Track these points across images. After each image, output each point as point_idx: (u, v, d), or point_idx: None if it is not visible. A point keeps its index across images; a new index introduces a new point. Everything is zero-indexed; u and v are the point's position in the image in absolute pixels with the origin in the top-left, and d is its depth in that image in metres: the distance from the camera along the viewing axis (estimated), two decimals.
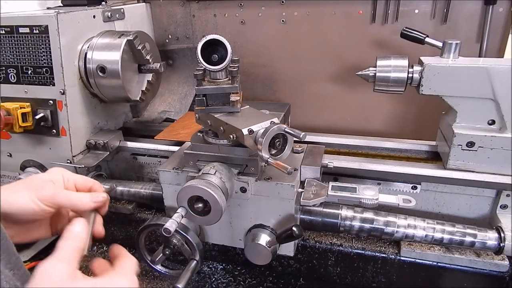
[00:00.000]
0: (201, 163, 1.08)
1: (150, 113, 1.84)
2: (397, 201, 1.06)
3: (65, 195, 0.83)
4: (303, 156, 1.21)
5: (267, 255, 1.06)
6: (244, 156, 1.05)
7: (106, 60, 1.32)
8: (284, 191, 1.04)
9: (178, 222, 0.91)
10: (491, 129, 1.16)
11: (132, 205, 1.49)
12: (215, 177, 0.99)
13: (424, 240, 1.11)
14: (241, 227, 1.14)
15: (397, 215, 1.13)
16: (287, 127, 0.94)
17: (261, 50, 1.81)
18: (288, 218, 1.07)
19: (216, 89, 1.04)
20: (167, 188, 1.16)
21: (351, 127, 1.84)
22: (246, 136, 0.95)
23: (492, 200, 1.23)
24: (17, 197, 0.79)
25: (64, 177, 0.88)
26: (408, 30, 1.40)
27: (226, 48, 0.98)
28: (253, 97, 1.90)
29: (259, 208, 1.09)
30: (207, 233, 1.20)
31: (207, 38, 0.97)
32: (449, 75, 1.13)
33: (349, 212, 1.14)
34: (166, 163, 1.17)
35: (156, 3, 1.84)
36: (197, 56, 0.98)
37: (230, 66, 1.04)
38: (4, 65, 1.36)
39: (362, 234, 1.14)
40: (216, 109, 1.07)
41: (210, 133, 1.11)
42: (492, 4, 1.44)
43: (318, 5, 1.66)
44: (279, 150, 0.99)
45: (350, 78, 1.71)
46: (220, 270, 1.40)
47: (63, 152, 1.38)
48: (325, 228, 1.17)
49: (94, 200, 0.86)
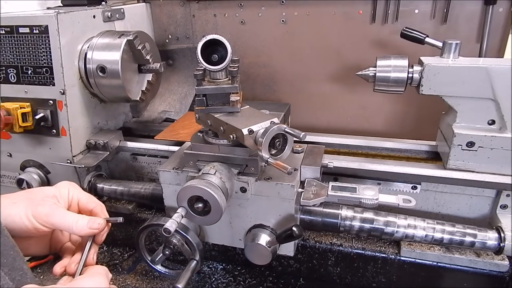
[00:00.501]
0: (201, 163, 1.08)
1: (150, 113, 1.84)
2: (397, 201, 1.06)
3: (61, 215, 0.79)
4: (303, 156, 1.21)
5: (267, 255, 1.06)
6: (244, 156, 1.05)
7: (106, 60, 1.32)
8: (284, 191, 1.04)
9: (178, 222, 0.91)
10: (491, 129, 1.16)
11: (132, 205, 1.49)
12: (215, 177, 0.99)
13: (424, 240, 1.11)
14: (241, 227, 1.14)
15: (397, 215, 1.13)
16: (287, 127, 0.94)
17: (261, 50, 1.81)
18: (288, 218, 1.07)
19: (216, 89, 1.04)
20: (167, 188, 1.16)
21: (351, 127, 1.83)
22: (246, 136, 0.95)
23: (492, 200, 1.23)
24: (14, 210, 0.76)
25: (69, 193, 0.86)
26: (408, 30, 1.40)
27: (226, 48, 0.98)
28: (253, 97, 1.90)
29: (259, 208, 1.09)
30: (207, 233, 1.20)
31: (207, 38, 0.97)
32: (449, 75, 1.13)
33: (349, 212, 1.13)
34: (166, 163, 1.17)
35: (156, 3, 1.84)
36: (197, 56, 0.98)
37: (230, 66, 1.04)
38: (4, 65, 1.36)
39: (362, 234, 1.14)
40: (216, 109, 1.07)
41: (210, 133, 1.10)
42: (492, 4, 1.44)
43: (318, 5, 1.66)
44: (279, 150, 0.99)
45: (350, 78, 1.71)
46: (220, 270, 1.40)
47: (63, 152, 1.38)
48: (325, 228, 1.17)
49: (89, 226, 0.81)
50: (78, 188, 0.89)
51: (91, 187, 1.43)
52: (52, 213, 0.78)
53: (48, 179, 1.44)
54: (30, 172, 1.42)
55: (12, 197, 0.79)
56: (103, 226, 0.85)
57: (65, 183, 0.88)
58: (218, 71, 1.01)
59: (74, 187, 0.88)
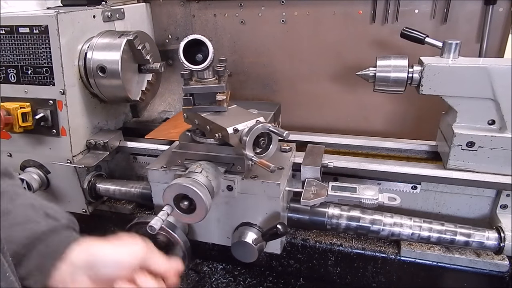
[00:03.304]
0: (189, 162, 1.10)
1: (150, 113, 1.84)
2: (382, 199, 1.05)
3: (158, 257, 0.81)
4: (292, 154, 1.22)
5: (253, 253, 1.07)
6: (231, 155, 1.06)
7: (106, 60, 1.32)
8: (270, 190, 1.05)
9: (163, 220, 0.92)
10: (491, 129, 1.16)
11: (132, 205, 1.49)
12: (201, 175, 1.00)
13: (421, 239, 1.11)
14: (229, 225, 1.15)
15: (383, 213, 1.13)
16: (272, 125, 0.95)
17: (261, 50, 1.81)
18: (275, 216, 1.08)
19: (202, 89, 1.06)
20: (155, 187, 1.17)
21: (351, 127, 1.83)
22: (231, 135, 0.96)
23: (492, 200, 1.23)
24: (114, 250, 0.77)
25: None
26: (408, 30, 1.40)
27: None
28: (253, 97, 1.90)
29: (246, 206, 1.10)
30: (195, 231, 1.21)
31: (189, 38, 0.98)
32: (449, 75, 1.13)
33: (335, 211, 1.14)
34: (155, 162, 1.19)
35: (156, 3, 1.84)
36: (179, 55, 0.99)
37: (217, 66, 1.05)
38: (4, 65, 1.36)
39: (349, 232, 1.15)
40: (203, 109, 1.08)
41: (197, 132, 1.12)
42: (492, 4, 1.44)
43: (318, 5, 1.65)
44: (264, 148, 1.01)
45: (350, 78, 1.70)
46: (220, 270, 1.40)
47: (63, 152, 1.38)
48: (313, 227, 1.18)
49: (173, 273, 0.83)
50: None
51: (91, 187, 1.43)
52: (147, 251, 0.80)
53: (48, 179, 1.44)
54: (30, 172, 1.42)
55: (107, 241, 0.79)
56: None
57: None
58: (200, 70, 1.02)
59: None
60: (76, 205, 1.46)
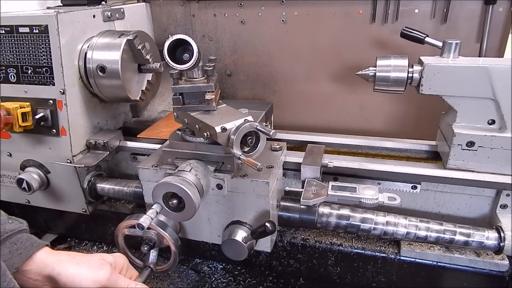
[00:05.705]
0: (179, 161, 1.11)
1: (150, 113, 1.84)
2: (382, 199, 1.06)
3: (115, 279, 0.88)
4: (282, 153, 1.23)
5: (243, 251, 1.08)
6: (220, 153, 1.07)
7: (106, 60, 1.32)
8: (259, 188, 1.06)
9: (152, 218, 0.94)
10: (491, 129, 1.16)
11: (132, 205, 1.49)
12: (190, 174, 1.01)
13: (417, 239, 1.11)
14: (219, 223, 1.16)
15: (376, 212, 1.12)
16: (259, 124, 0.96)
17: (261, 50, 1.81)
18: (265, 215, 1.09)
19: (192, 88, 1.07)
20: (146, 185, 1.19)
21: (351, 127, 1.84)
22: (219, 134, 0.97)
23: (492, 200, 1.23)
24: (76, 270, 0.84)
25: (124, 264, 0.96)
26: (408, 30, 1.40)
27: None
28: (253, 97, 1.90)
29: (236, 205, 1.11)
30: (186, 230, 1.22)
31: (173, 38, 0.99)
32: (449, 74, 1.13)
33: (325, 209, 1.14)
34: (146, 161, 1.20)
35: (156, 3, 1.84)
36: (164, 55, 1.00)
37: (206, 65, 1.06)
38: (4, 65, 1.36)
39: (339, 230, 1.15)
40: (193, 108, 1.10)
41: (187, 131, 1.13)
42: (492, 4, 1.44)
43: (318, 5, 1.66)
44: (252, 147, 1.01)
45: (350, 78, 1.71)
46: (220, 270, 1.41)
47: (63, 152, 1.38)
48: (303, 225, 1.18)
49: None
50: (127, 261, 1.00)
51: (91, 187, 1.43)
52: (110, 277, 0.87)
53: (48, 179, 1.44)
54: (30, 172, 1.42)
55: (76, 258, 0.87)
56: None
57: (121, 256, 0.99)
58: (185, 70, 1.03)
59: (126, 259, 0.99)
60: (76, 205, 1.46)
